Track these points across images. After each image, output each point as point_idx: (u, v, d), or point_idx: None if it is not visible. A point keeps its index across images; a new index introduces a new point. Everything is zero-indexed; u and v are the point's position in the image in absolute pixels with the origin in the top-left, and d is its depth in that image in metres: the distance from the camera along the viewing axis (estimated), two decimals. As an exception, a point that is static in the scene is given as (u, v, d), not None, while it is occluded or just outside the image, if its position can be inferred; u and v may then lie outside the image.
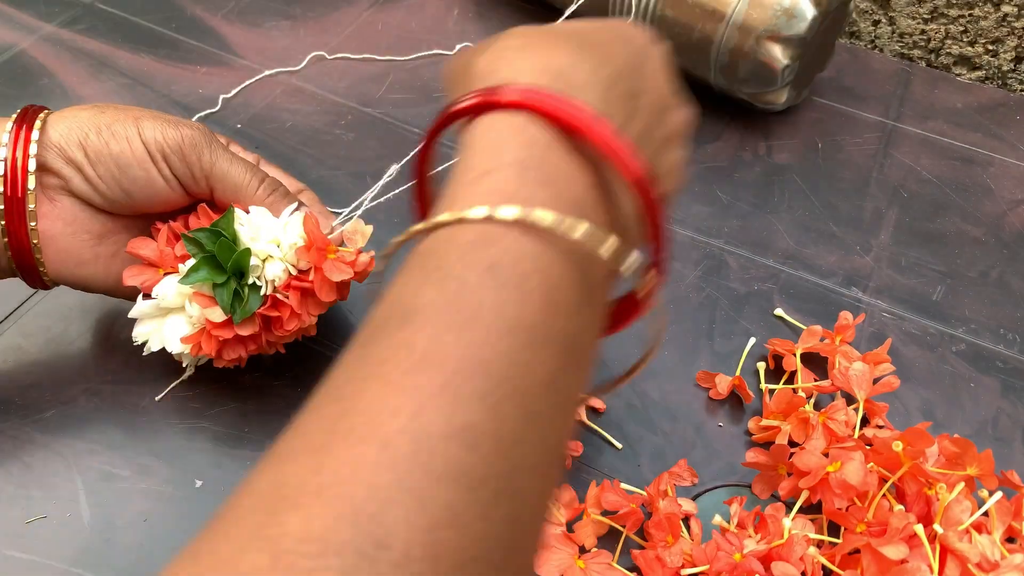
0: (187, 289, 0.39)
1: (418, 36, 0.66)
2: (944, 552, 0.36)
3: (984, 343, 0.48)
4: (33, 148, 0.37)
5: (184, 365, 0.42)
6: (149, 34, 0.65)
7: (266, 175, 0.41)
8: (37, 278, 0.40)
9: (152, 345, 0.40)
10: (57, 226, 0.39)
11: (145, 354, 0.41)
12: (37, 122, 0.37)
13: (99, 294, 0.42)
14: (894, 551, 0.35)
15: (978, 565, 0.35)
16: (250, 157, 0.43)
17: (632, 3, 0.59)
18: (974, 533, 0.36)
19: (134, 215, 0.41)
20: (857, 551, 0.36)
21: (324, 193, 0.46)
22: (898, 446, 0.37)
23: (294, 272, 0.39)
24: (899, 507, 0.37)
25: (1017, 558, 0.36)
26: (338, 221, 0.42)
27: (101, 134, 0.38)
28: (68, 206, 0.39)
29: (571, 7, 0.61)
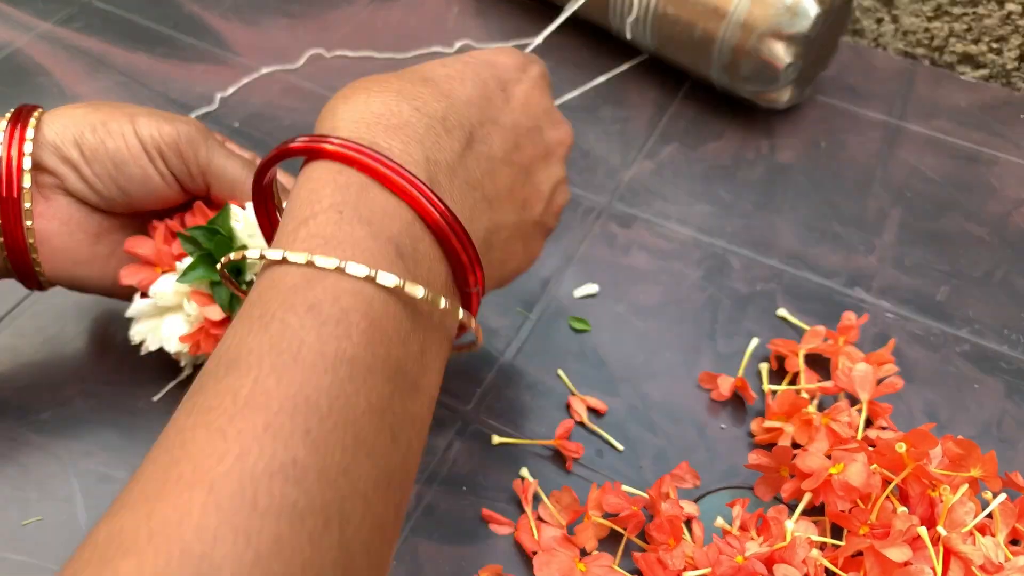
0: (184, 287, 0.39)
1: (417, 34, 0.66)
2: (948, 554, 0.35)
3: (988, 344, 0.48)
4: (28, 147, 0.37)
5: (182, 364, 0.42)
6: (146, 32, 0.65)
7: None
8: (33, 279, 0.39)
9: (150, 345, 0.40)
10: (53, 225, 0.38)
11: (143, 354, 0.41)
12: (32, 120, 0.37)
13: (95, 295, 0.41)
14: (897, 553, 0.35)
15: (982, 567, 0.35)
16: (247, 155, 0.42)
17: (633, 2, 0.58)
18: (978, 535, 0.36)
19: (131, 214, 0.40)
20: (860, 553, 0.36)
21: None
22: (901, 448, 0.37)
23: None
24: (902, 509, 0.37)
25: (1021, 560, 0.35)
26: None
27: (96, 132, 0.38)
28: (64, 205, 0.39)
29: (570, 6, 0.60)
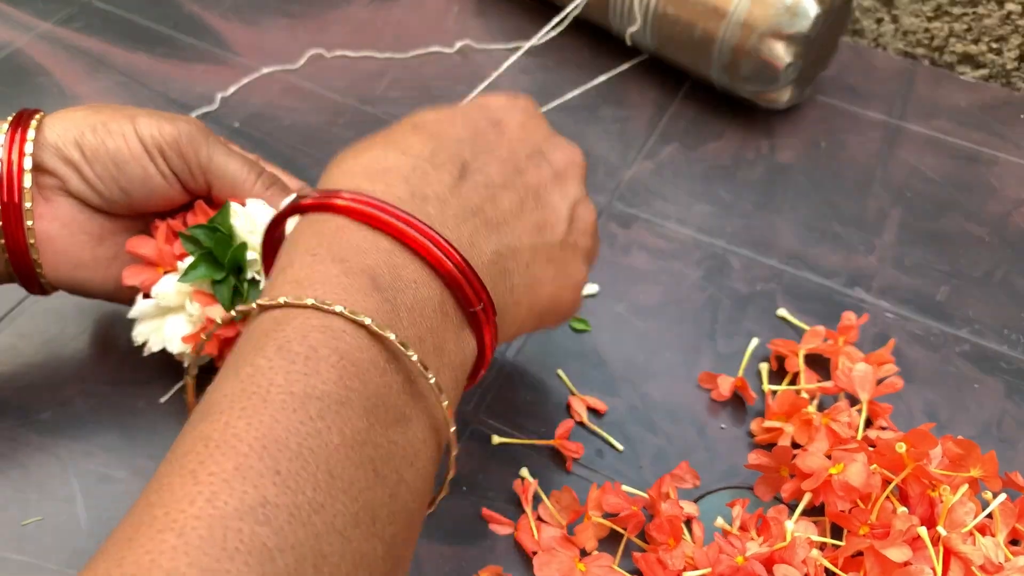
0: (186, 287, 0.39)
1: (418, 33, 0.66)
2: (947, 554, 0.35)
3: (988, 344, 0.48)
4: (29, 147, 0.37)
5: (186, 365, 0.42)
6: (146, 32, 0.65)
7: (264, 169, 0.41)
8: (35, 282, 0.39)
9: (152, 346, 0.40)
10: (54, 227, 0.38)
11: (145, 355, 0.40)
12: (32, 123, 0.37)
13: (97, 299, 0.41)
14: (897, 553, 0.35)
15: (982, 567, 0.35)
16: (249, 157, 0.42)
17: (635, 12, 0.58)
18: (978, 535, 0.36)
19: (133, 216, 0.40)
20: (860, 554, 0.36)
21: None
22: (901, 448, 0.37)
23: None
24: (902, 509, 0.37)
25: (1021, 560, 0.35)
26: None
27: (97, 132, 0.38)
28: (66, 206, 0.38)
29: (570, 6, 0.60)
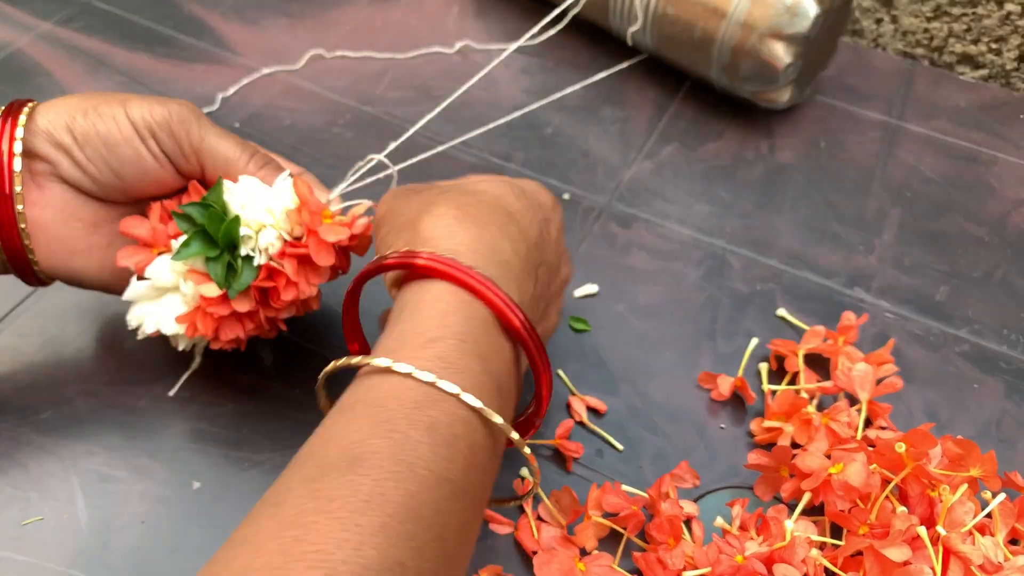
0: (181, 267, 0.38)
1: (417, 33, 0.66)
2: (947, 554, 0.36)
3: (988, 344, 0.48)
4: (19, 132, 0.37)
5: (180, 348, 0.41)
6: (146, 32, 0.65)
7: (257, 149, 0.40)
8: (30, 272, 0.39)
9: (147, 328, 0.39)
10: (47, 213, 0.38)
11: (140, 338, 0.40)
12: (24, 110, 0.37)
13: (95, 291, 0.41)
14: (897, 553, 0.35)
15: (981, 567, 0.35)
16: (249, 147, 0.42)
17: (637, 11, 0.58)
18: (977, 535, 0.36)
19: (127, 202, 0.40)
20: (860, 553, 0.36)
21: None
22: (901, 447, 0.37)
23: (288, 239, 0.38)
24: (902, 509, 0.37)
25: (1020, 560, 0.35)
26: (329, 199, 0.41)
27: (88, 116, 0.37)
28: (58, 193, 0.38)
29: (567, 2, 0.60)
